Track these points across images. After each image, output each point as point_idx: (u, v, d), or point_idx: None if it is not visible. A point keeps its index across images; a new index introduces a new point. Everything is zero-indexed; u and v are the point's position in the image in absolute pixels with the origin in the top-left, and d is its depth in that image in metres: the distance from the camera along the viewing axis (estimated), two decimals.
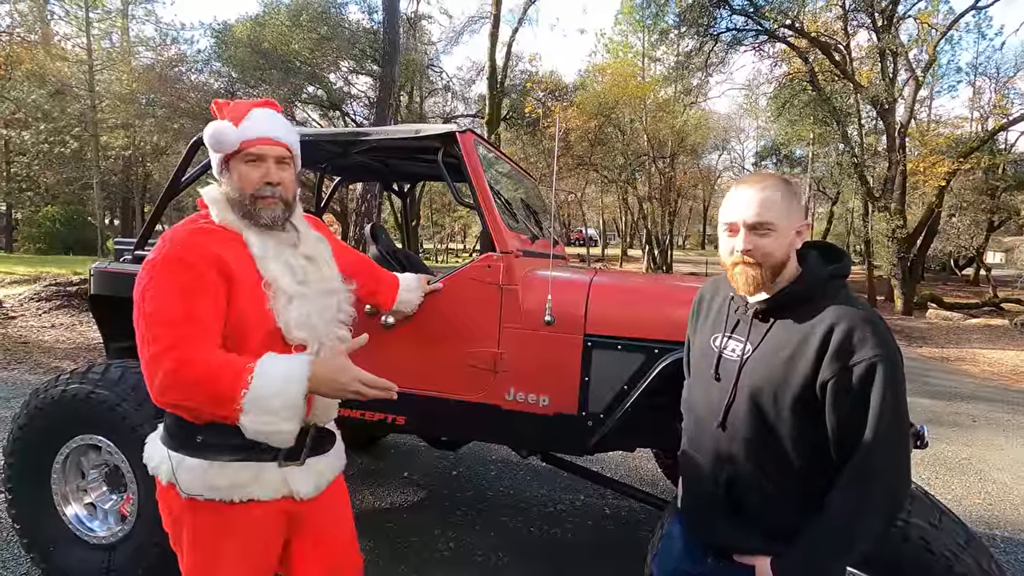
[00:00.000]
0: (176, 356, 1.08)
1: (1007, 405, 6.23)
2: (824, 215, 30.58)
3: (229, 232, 1.26)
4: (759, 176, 1.19)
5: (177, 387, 1.09)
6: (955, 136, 18.09)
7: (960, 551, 1.43)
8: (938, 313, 14.80)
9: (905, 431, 1.07)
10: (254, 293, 1.22)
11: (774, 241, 1.13)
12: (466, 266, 2.10)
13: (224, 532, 1.23)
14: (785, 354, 1.12)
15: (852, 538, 1.05)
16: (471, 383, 2.06)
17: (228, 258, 1.21)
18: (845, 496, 1.05)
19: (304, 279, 1.30)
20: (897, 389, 1.04)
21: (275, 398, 1.10)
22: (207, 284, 1.17)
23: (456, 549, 2.67)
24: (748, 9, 15.16)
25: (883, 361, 1.03)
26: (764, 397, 1.14)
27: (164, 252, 1.18)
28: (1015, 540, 3.10)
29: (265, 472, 1.24)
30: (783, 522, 1.13)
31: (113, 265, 2.56)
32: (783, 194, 1.14)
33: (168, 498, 1.25)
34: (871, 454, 1.03)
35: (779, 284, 1.17)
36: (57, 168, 21.42)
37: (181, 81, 17.78)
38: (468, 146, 2.12)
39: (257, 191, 1.27)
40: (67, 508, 2.18)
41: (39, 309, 7.99)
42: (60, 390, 2.08)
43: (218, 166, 1.31)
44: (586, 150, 18.99)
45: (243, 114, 1.29)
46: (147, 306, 1.13)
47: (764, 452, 1.15)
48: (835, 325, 1.07)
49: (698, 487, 1.30)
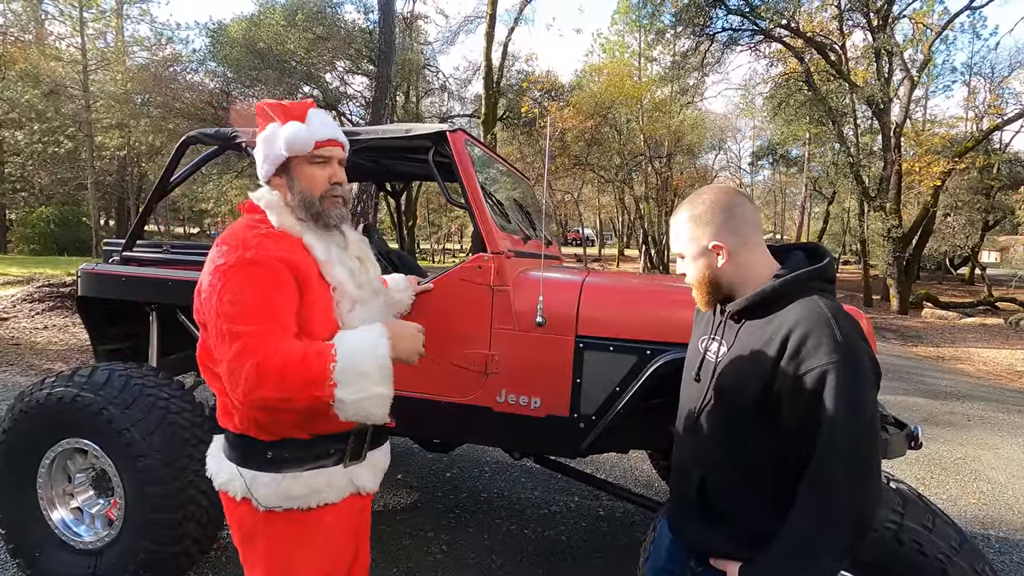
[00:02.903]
0: (262, 351, 1.08)
1: (1002, 404, 6.24)
2: (820, 215, 30.67)
3: (290, 237, 1.25)
4: (681, 203, 1.22)
5: (266, 379, 1.06)
6: (950, 136, 18.18)
7: (953, 554, 1.42)
8: (933, 312, 14.84)
9: (869, 437, 1.00)
10: (322, 298, 1.23)
11: (688, 265, 1.19)
12: (457, 267, 2.08)
13: (300, 541, 1.25)
14: (749, 357, 1.11)
15: (813, 550, 1.00)
16: (462, 385, 2.04)
17: (298, 260, 1.21)
18: (804, 507, 1.01)
19: (361, 282, 1.32)
20: (855, 396, 0.98)
21: (366, 362, 1.12)
22: (283, 282, 1.16)
23: (449, 551, 2.65)
24: (744, 9, 15.18)
25: (836, 367, 0.97)
26: (732, 399, 1.14)
27: (236, 256, 1.15)
28: (1010, 540, 3.10)
29: (334, 476, 1.26)
30: (754, 526, 1.11)
31: (101, 266, 2.53)
32: (685, 219, 1.17)
33: (240, 513, 1.25)
34: (827, 464, 0.98)
35: (745, 289, 1.15)
36: (51, 168, 21.33)
37: (176, 81, 17.70)
38: (459, 145, 2.10)
39: (326, 191, 1.28)
40: (53, 513, 2.16)
41: (31, 310, 7.93)
42: (45, 393, 2.06)
43: (272, 169, 1.29)
44: (582, 150, 18.94)
45: (304, 115, 1.28)
46: (226, 308, 1.12)
47: (733, 455, 1.14)
48: (792, 330, 1.04)
49: (677, 488, 1.30)
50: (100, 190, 21.74)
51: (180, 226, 33.40)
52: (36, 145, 19.48)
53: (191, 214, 28.27)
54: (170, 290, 2.40)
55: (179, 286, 2.38)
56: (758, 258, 1.16)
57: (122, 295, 2.44)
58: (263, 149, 1.29)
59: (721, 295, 1.18)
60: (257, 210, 1.27)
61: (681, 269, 1.23)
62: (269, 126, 1.28)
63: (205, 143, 2.43)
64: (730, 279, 1.16)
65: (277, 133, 1.26)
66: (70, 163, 20.65)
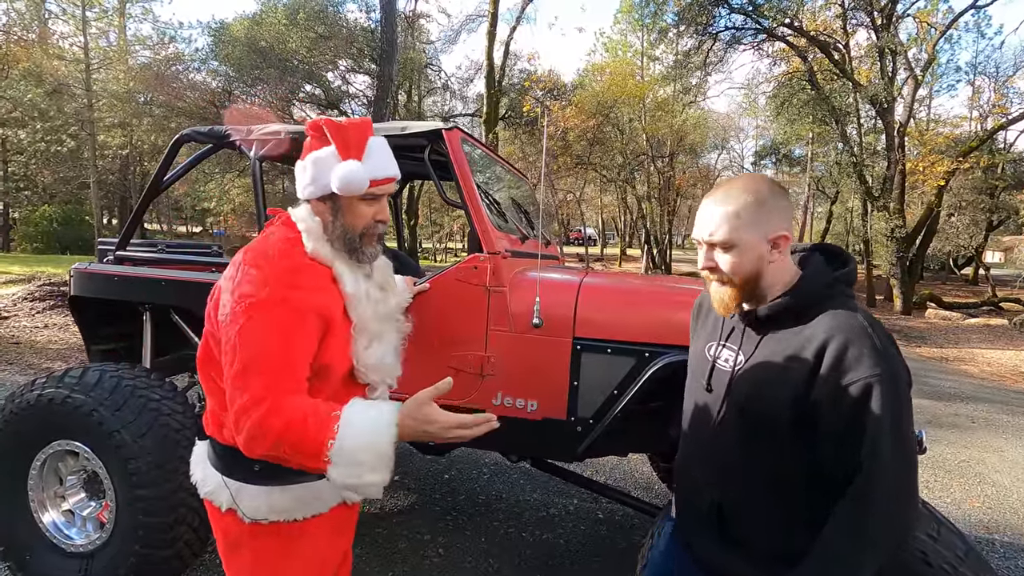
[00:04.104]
0: (267, 406, 1.04)
1: (1006, 406, 6.18)
2: (823, 214, 30.55)
3: (321, 266, 1.20)
4: (726, 185, 1.09)
5: (264, 438, 1.03)
6: (954, 135, 18.06)
7: (959, 564, 1.38)
8: (937, 313, 14.76)
9: (909, 454, 0.96)
10: (344, 335, 1.20)
11: (737, 257, 1.05)
12: (453, 267, 2.04)
13: (286, 552, 1.22)
14: (777, 368, 1.04)
15: (849, 569, 0.96)
16: (458, 387, 2.00)
17: (326, 302, 1.17)
18: (840, 525, 0.96)
19: (383, 315, 1.29)
20: (898, 409, 0.94)
21: (363, 451, 1.04)
22: (307, 328, 1.12)
23: (446, 555, 2.62)
24: (747, 8, 15.11)
25: (881, 381, 0.94)
26: (754, 412, 1.07)
27: (268, 292, 1.09)
28: (1015, 545, 3.05)
29: (323, 489, 1.23)
30: (774, 548, 1.06)
31: (94, 266, 2.51)
32: (746, 206, 1.04)
33: (225, 523, 1.22)
34: (869, 480, 0.94)
35: (773, 292, 1.08)
36: (54, 167, 21.39)
37: (178, 80, 17.77)
38: (455, 144, 2.07)
39: (368, 228, 1.24)
40: (44, 515, 2.13)
41: (32, 309, 7.93)
42: (36, 394, 2.03)
43: (317, 194, 1.22)
44: (585, 149, 18.90)
45: (362, 146, 1.21)
46: (244, 351, 1.07)
47: (754, 471, 1.08)
48: (829, 340, 0.98)
49: (689, 502, 1.24)
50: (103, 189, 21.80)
51: (183, 225, 33.47)
52: (39, 144, 19.53)
53: (194, 213, 28.31)
54: (164, 290, 2.37)
55: (173, 286, 2.36)
56: (789, 258, 1.10)
57: (115, 295, 2.41)
58: (311, 170, 1.21)
59: (754, 294, 1.09)
60: (294, 227, 1.22)
61: (710, 262, 1.09)
62: (324, 149, 1.21)
63: (199, 141, 2.41)
64: (771, 278, 1.07)
65: (331, 164, 1.19)
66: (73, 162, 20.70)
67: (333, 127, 1.21)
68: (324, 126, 1.22)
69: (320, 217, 1.23)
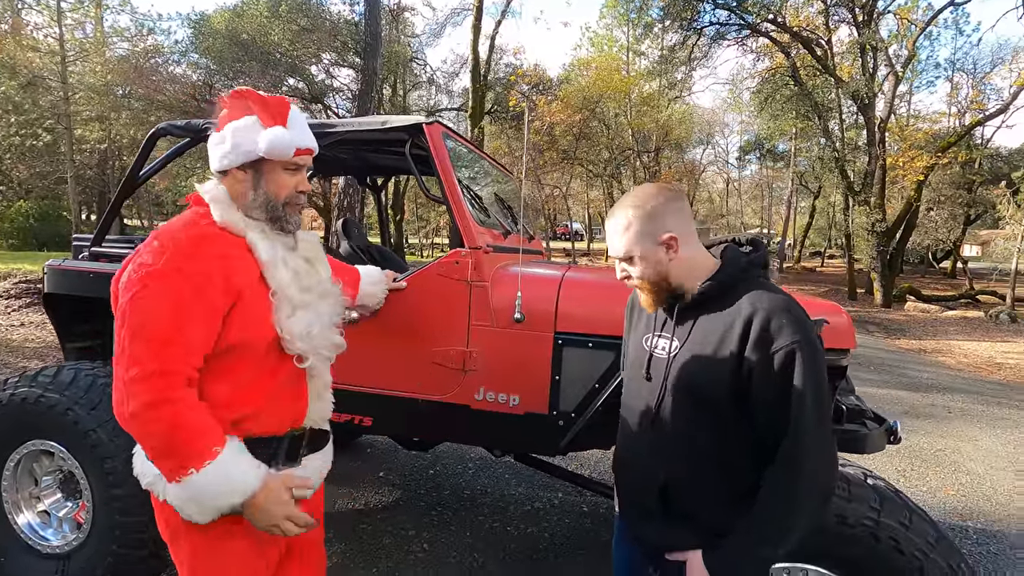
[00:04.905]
0: (157, 390, 1.03)
1: (981, 396, 6.33)
2: (806, 209, 30.92)
3: (231, 236, 1.19)
4: (620, 202, 1.20)
5: (145, 425, 1.04)
6: (933, 131, 18.38)
7: (930, 550, 1.42)
8: (916, 305, 15.05)
9: (827, 416, 1.08)
10: (260, 305, 1.18)
11: (640, 265, 1.17)
12: (434, 262, 2.04)
13: (214, 551, 1.20)
14: (711, 347, 1.13)
15: (781, 527, 1.05)
16: (440, 383, 2.01)
17: (235, 270, 1.15)
18: (776, 485, 1.06)
19: (307, 285, 1.26)
20: (818, 374, 1.05)
21: (207, 495, 1.09)
22: (204, 302, 1.10)
23: (431, 550, 2.62)
24: (731, 3, 15.19)
25: (802, 347, 1.04)
26: (693, 393, 1.15)
27: (164, 260, 1.08)
28: (987, 531, 3.13)
29: None
30: (717, 520, 1.13)
31: (68, 262, 2.46)
32: (635, 219, 1.15)
33: (166, 513, 1.20)
34: (797, 441, 1.04)
35: (692, 283, 1.17)
36: (30, 162, 20.84)
37: (158, 73, 17.38)
38: (435, 138, 2.06)
39: (291, 198, 1.25)
40: (19, 516, 2.10)
41: (7, 307, 7.76)
42: (8, 394, 1.99)
43: (238, 162, 1.21)
44: (571, 144, 18.90)
45: (284, 116, 1.23)
46: (133, 317, 1.06)
47: (695, 449, 1.16)
48: (754, 313, 1.08)
49: (632, 490, 1.30)
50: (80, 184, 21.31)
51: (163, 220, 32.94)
52: (13, 138, 19.01)
53: (175, 208, 27.84)
54: None
55: None
56: (699, 251, 1.20)
57: (89, 292, 2.37)
58: (232, 139, 1.20)
59: (670, 291, 1.19)
60: (203, 203, 1.21)
61: (624, 272, 1.22)
62: (245, 118, 1.21)
63: (176, 135, 2.37)
64: (679, 273, 1.17)
65: (256, 131, 1.19)
66: (49, 156, 20.19)
67: (255, 96, 1.23)
68: (246, 96, 1.24)
69: (237, 184, 1.23)
